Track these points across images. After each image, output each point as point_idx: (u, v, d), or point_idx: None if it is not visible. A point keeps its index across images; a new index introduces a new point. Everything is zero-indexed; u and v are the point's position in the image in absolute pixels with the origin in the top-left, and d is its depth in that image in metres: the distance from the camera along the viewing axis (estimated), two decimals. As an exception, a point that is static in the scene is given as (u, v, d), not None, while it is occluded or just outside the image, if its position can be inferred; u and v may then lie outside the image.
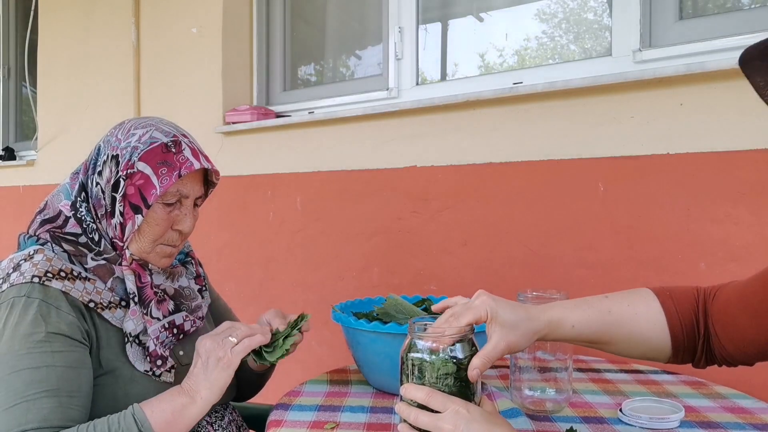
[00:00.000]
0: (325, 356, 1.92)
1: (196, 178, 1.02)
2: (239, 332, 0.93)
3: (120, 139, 0.98)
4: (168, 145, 0.96)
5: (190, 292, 1.08)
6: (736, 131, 1.27)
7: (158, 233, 0.98)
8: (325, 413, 0.98)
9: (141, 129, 0.98)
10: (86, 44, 2.82)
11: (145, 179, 0.94)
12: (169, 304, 1.02)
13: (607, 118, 1.43)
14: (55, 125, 3.00)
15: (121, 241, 0.97)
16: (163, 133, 0.98)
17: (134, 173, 0.94)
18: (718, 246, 1.29)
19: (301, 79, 2.39)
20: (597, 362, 1.29)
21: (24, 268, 0.91)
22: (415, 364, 0.73)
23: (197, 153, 0.99)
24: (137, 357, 0.95)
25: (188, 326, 1.03)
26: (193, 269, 1.12)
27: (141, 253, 0.99)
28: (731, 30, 1.36)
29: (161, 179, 0.94)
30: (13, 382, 0.82)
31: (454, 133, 1.68)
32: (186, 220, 1.00)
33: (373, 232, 1.85)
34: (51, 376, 0.84)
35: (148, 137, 0.97)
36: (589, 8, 1.69)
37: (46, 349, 0.86)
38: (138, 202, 0.94)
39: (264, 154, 2.14)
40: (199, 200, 1.05)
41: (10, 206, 3.27)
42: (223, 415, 1.06)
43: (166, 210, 0.98)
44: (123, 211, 0.95)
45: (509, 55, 1.83)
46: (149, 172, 0.94)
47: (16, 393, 0.82)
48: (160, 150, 0.96)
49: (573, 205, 1.48)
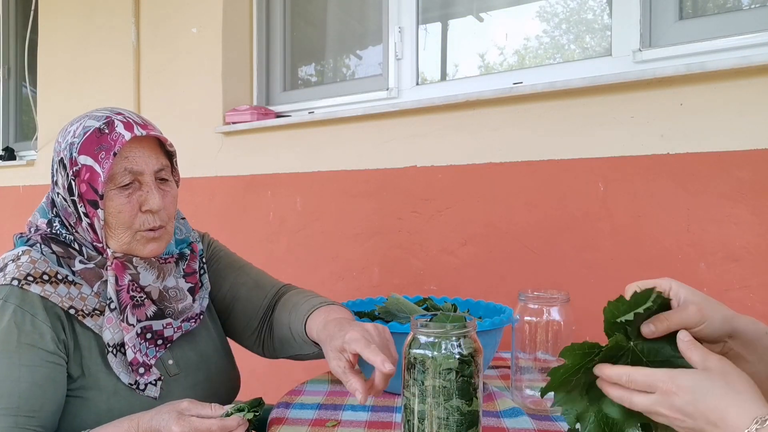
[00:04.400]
0: (325, 356, 1.92)
1: (147, 151, 0.94)
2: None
3: (60, 142, 0.95)
4: (101, 129, 0.91)
5: (177, 293, 1.01)
6: (736, 131, 1.27)
7: (126, 220, 0.92)
8: (327, 411, 0.98)
9: (75, 124, 0.94)
10: (86, 44, 2.82)
11: (90, 171, 0.89)
12: (149, 308, 0.97)
13: (607, 118, 1.43)
14: (55, 125, 3.00)
15: (98, 242, 0.93)
16: (95, 118, 0.93)
17: (79, 169, 0.90)
18: (718, 246, 1.29)
19: (301, 79, 2.39)
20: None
21: (9, 269, 0.90)
22: (417, 359, 0.73)
23: (131, 125, 0.92)
24: (121, 367, 0.92)
25: (170, 332, 0.98)
26: (184, 266, 1.04)
27: (122, 246, 0.94)
28: (731, 30, 1.36)
29: (102, 164, 0.89)
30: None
31: (454, 133, 1.68)
32: (150, 197, 0.93)
33: (373, 232, 1.85)
34: (13, 393, 0.83)
35: (81, 128, 0.92)
36: (589, 8, 1.69)
37: (14, 362, 0.84)
38: (92, 196, 0.90)
39: (264, 154, 2.14)
40: (163, 173, 0.97)
41: (10, 206, 3.27)
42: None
43: (124, 193, 0.92)
44: (86, 211, 0.91)
45: (509, 55, 1.83)
46: (91, 162, 0.90)
47: None
48: (94, 136, 0.90)
49: (573, 205, 1.48)
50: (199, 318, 1.05)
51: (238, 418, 0.81)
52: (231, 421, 0.80)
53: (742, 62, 1.23)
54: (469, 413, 0.73)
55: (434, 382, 0.72)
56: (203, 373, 1.04)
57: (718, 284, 1.29)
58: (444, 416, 0.72)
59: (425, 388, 0.73)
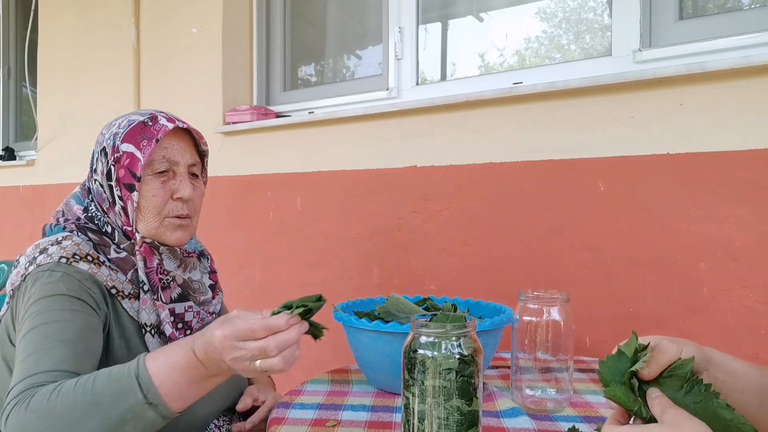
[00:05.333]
0: (326, 356, 1.92)
1: (183, 146, 1.02)
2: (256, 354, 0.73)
3: (104, 134, 1.02)
4: (145, 122, 0.99)
5: (200, 286, 1.07)
6: (736, 131, 1.27)
7: (158, 204, 0.99)
8: (327, 412, 0.98)
9: (120, 119, 1.02)
10: (86, 44, 2.82)
11: (131, 157, 0.96)
12: (174, 290, 1.02)
13: (607, 118, 1.43)
14: (55, 125, 3.00)
15: (128, 225, 0.98)
16: (140, 114, 1.01)
17: (120, 156, 0.97)
18: (718, 246, 1.29)
19: (301, 79, 2.39)
20: (598, 363, 1.29)
21: (51, 251, 0.93)
22: (417, 359, 0.73)
23: (173, 119, 1.01)
24: (157, 347, 0.94)
25: (190, 317, 1.02)
26: (208, 264, 1.13)
27: (150, 231, 0.99)
28: (731, 30, 1.36)
29: (143, 151, 0.96)
30: (33, 337, 0.83)
31: (454, 133, 1.68)
32: (183, 186, 1.00)
33: (373, 232, 1.85)
34: (68, 329, 0.85)
35: (126, 121, 1.00)
36: (589, 8, 1.69)
37: (65, 307, 0.86)
38: (130, 180, 0.97)
39: (264, 154, 2.14)
40: (195, 168, 1.05)
41: (10, 206, 3.27)
42: (231, 420, 1.06)
43: (160, 179, 0.99)
44: (120, 195, 0.98)
45: (509, 55, 1.83)
46: (132, 149, 0.97)
47: (34, 345, 0.82)
48: (138, 127, 0.98)
49: (573, 205, 1.48)
50: (214, 315, 1.09)
51: (286, 317, 0.73)
52: (277, 320, 0.72)
53: (742, 62, 1.23)
54: (469, 413, 0.73)
55: (434, 382, 0.72)
56: None
57: (718, 284, 1.29)
58: (444, 416, 0.72)
59: (425, 388, 0.73)
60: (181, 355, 0.75)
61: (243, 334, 0.71)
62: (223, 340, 0.71)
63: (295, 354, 0.73)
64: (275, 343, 0.70)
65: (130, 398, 0.72)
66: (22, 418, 0.72)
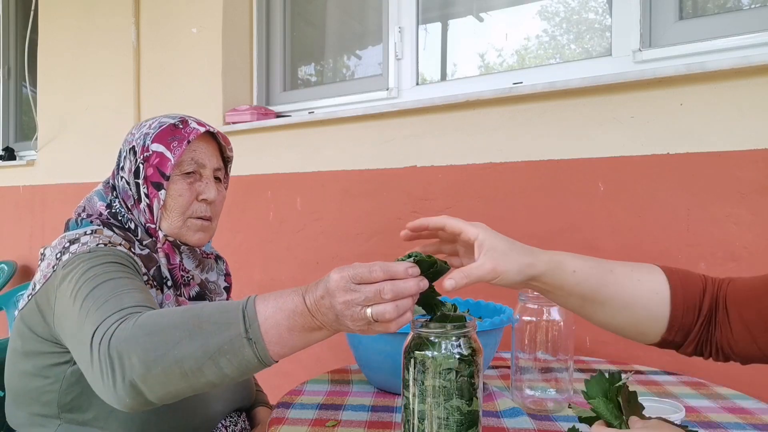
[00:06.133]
0: (326, 356, 1.92)
1: (211, 150, 1.06)
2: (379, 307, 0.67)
3: (134, 134, 1.04)
4: (176, 124, 1.02)
5: (216, 287, 1.09)
6: (736, 131, 1.27)
7: (184, 204, 1.01)
8: (327, 411, 0.98)
9: (151, 120, 1.05)
10: (86, 44, 2.82)
11: (160, 157, 0.99)
12: (193, 288, 1.04)
13: (607, 118, 1.43)
14: (55, 125, 3.00)
15: (152, 223, 1.00)
16: (170, 117, 1.05)
17: (150, 155, 0.99)
18: (718, 246, 1.29)
19: (301, 79, 2.39)
20: (598, 363, 1.29)
21: (85, 239, 0.93)
22: (417, 359, 0.73)
23: (203, 123, 1.05)
24: None
25: None
26: (224, 267, 1.15)
27: (173, 230, 1.01)
28: (731, 30, 1.36)
29: (173, 151, 0.99)
30: (100, 291, 0.81)
31: (454, 133, 1.68)
32: (209, 188, 1.04)
33: (373, 232, 1.85)
34: (135, 282, 0.86)
35: (157, 123, 1.03)
36: (589, 8, 1.69)
37: (120, 269, 0.87)
38: (158, 179, 0.99)
39: (264, 154, 2.14)
40: (219, 173, 1.09)
41: (10, 206, 3.27)
42: (236, 422, 1.07)
43: (187, 180, 1.02)
44: (147, 192, 1.00)
45: (509, 55, 1.83)
46: (162, 149, 0.99)
47: (106, 294, 0.80)
48: (168, 129, 1.01)
49: (573, 205, 1.48)
50: None
51: (406, 264, 0.68)
52: (397, 266, 0.67)
53: (742, 62, 1.23)
54: (469, 413, 0.73)
55: (434, 382, 0.72)
56: None
57: (718, 284, 1.29)
58: (444, 416, 0.72)
59: (425, 388, 0.73)
60: (290, 299, 0.71)
61: (360, 276, 0.66)
62: (339, 280, 0.67)
63: (408, 309, 0.68)
64: (391, 286, 0.66)
65: (231, 329, 0.69)
66: (130, 332, 0.71)
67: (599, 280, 0.75)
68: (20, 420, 0.95)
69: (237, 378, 0.71)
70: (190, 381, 0.69)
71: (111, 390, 0.71)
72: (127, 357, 0.69)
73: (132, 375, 0.69)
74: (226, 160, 1.12)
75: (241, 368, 0.69)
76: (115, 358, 0.70)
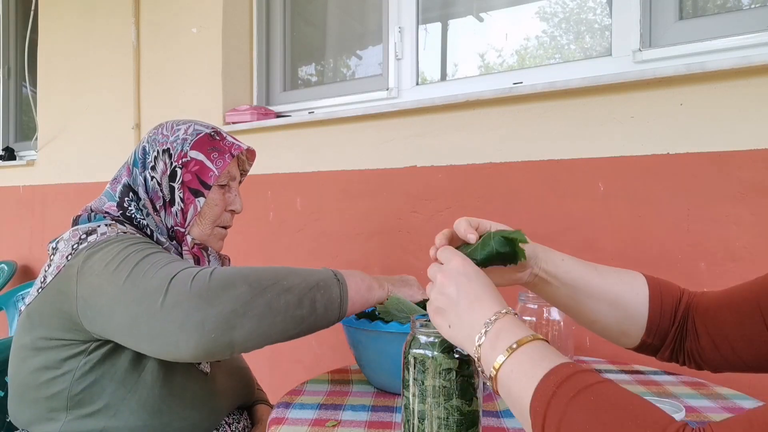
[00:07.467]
0: (326, 356, 1.92)
1: (236, 162, 1.12)
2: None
3: (167, 135, 1.06)
4: (212, 135, 1.06)
5: None
6: (736, 131, 1.27)
7: (216, 214, 1.06)
8: (327, 411, 0.98)
9: (183, 125, 1.08)
10: (86, 44, 2.82)
11: (200, 165, 1.02)
12: None
13: (607, 118, 1.43)
14: (55, 125, 3.00)
15: (182, 227, 1.02)
16: (203, 126, 1.09)
17: (188, 161, 1.02)
18: (718, 246, 1.29)
19: (301, 79, 2.39)
20: (597, 363, 1.29)
21: (103, 230, 0.94)
22: (417, 359, 0.73)
23: (237, 139, 1.11)
24: None
25: None
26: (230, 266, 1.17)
27: (202, 236, 1.05)
28: (731, 30, 1.36)
29: (215, 162, 1.03)
30: (156, 258, 0.87)
31: (454, 133, 1.68)
32: (237, 200, 1.10)
33: (373, 232, 1.85)
34: (174, 256, 0.92)
35: (193, 130, 1.06)
36: (589, 8, 1.69)
37: (162, 250, 0.92)
38: (197, 186, 1.02)
39: (264, 154, 2.14)
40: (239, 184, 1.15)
41: (10, 206, 3.27)
42: (239, 419, 1.08)
43: (221, 192, 1.07)
44: (183, 197, 1.02)
45: (509, 55, 1.83)
46: (201, 158, 1.03)
47: (164, 259, 0.87)
48: (207, 139, 1.05)
49: (573, 205, 1.48)
50: None
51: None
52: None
53: (742, 62, 1.23)
54: (469, 413, 0.73)
55: (434, 382, 0.72)
56: (238, 363, 1.18)
57: (718, 284, 1.28)
58: (444, 416, 0.72)
59: (425, 388, 0.73)
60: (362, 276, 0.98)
61: None
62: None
63: None
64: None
65: (323, 273, 0.90)
66: (233, 269, 0.82)
67: (585, 273, 0.82)
68: (26, 417, 0.94)
69: (319, 320, 0.87)
70: (284, 315, 0.82)
71: (194, 327, 0.76)
72: (233, 286, 0.79)
73: (236, 304, 0.78)
74: (243, 172, 1.18)
75: (327, 306, 0.88)
76: (219, 289, 0.78)
